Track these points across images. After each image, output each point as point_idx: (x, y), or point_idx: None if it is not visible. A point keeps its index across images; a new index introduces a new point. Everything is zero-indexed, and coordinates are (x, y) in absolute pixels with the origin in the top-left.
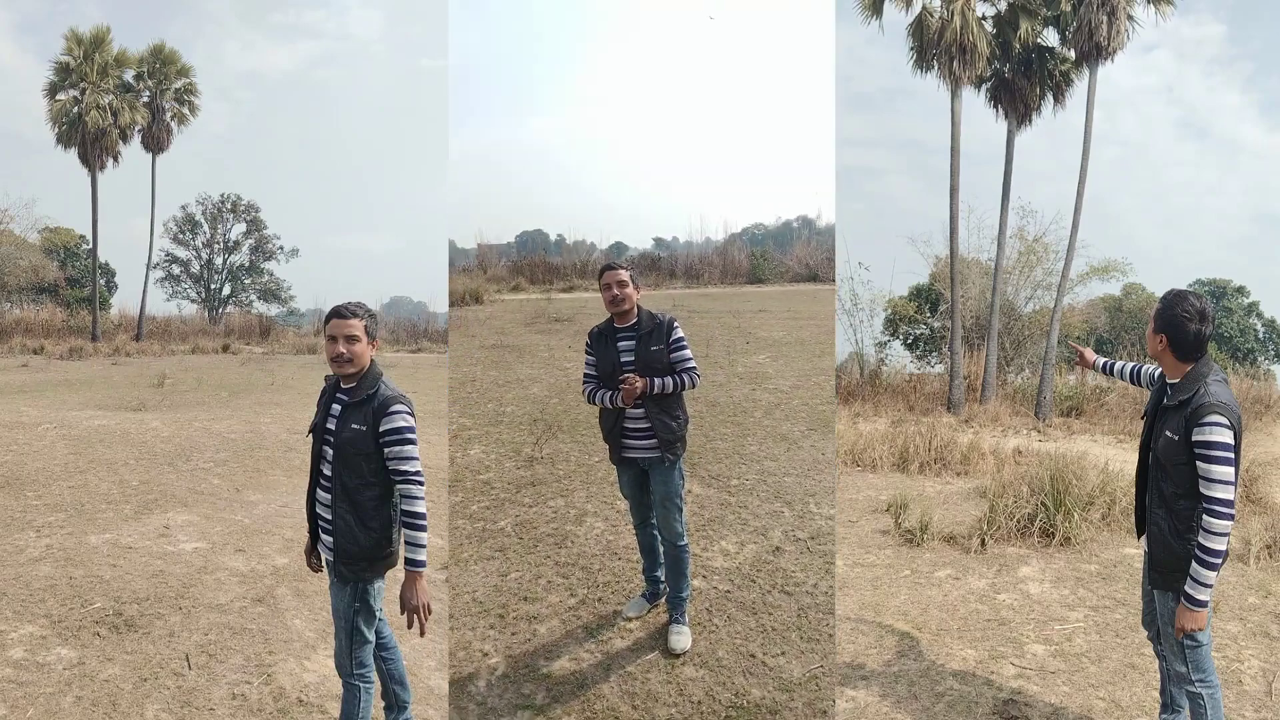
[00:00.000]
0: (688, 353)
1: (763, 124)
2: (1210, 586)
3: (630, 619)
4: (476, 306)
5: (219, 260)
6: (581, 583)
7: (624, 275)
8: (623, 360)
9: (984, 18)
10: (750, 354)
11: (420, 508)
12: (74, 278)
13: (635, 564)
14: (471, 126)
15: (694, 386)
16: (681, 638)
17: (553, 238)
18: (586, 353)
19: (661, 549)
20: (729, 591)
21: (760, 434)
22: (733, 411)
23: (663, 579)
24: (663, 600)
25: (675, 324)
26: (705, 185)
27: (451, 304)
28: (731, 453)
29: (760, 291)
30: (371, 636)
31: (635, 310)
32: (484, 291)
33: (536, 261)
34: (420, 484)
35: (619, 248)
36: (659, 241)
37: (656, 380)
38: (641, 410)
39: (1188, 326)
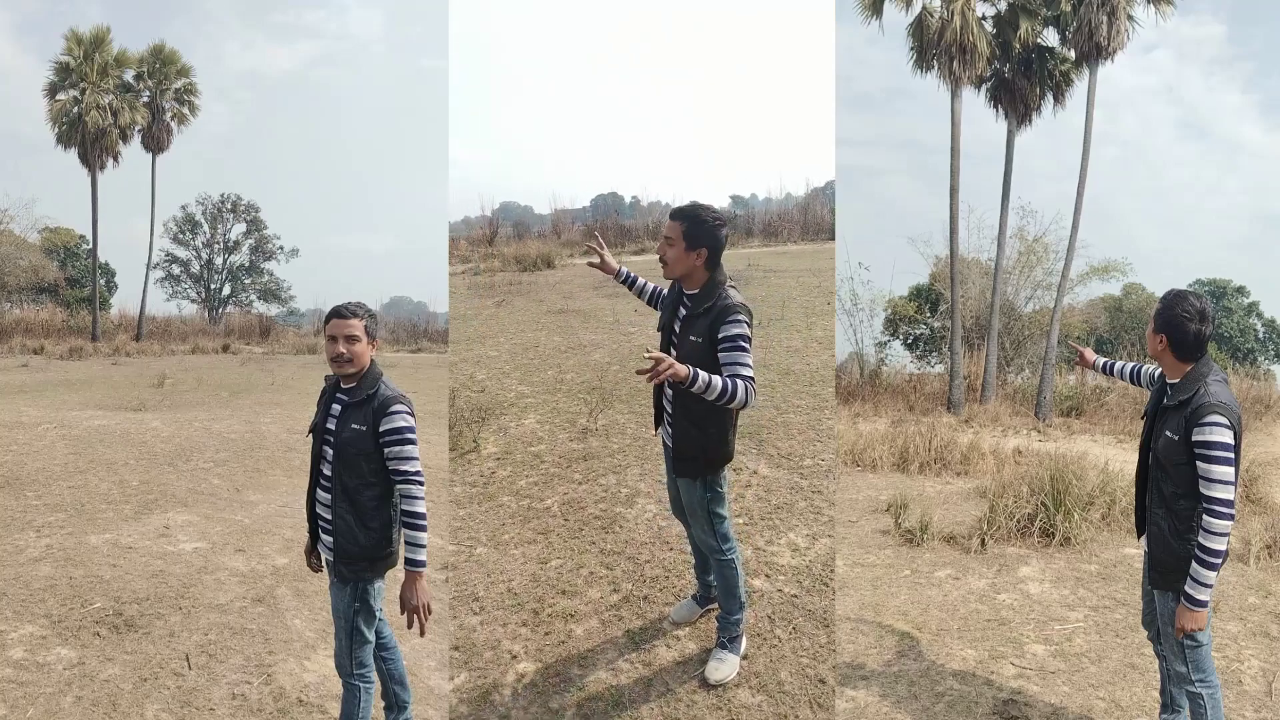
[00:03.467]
0: (742, 356)
1: (763, 123)
2: (1210, 586)
3: (678, 624)
4: (548, 271)
5: (219, 260)
6: (627, 575)
7: (674, 228)
8: (674, 329)
9: (984, 18)
10: (829, 315)
11: (420, 508)
12: (74, 278)
13: (688, 556)
14: (542, 92)
15: (746, 404)
16: (722, 666)
17: (627, 200)
18: None
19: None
20: (796, 596)
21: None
22: (809, 380)
23: (713, 581)
24: (715, 607)
25: (735, 317)
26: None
27: (524, 269)
28: (806, 428)
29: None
30: (371, 636)
31: (695, 278)
32: (556, 256)
33: (609, 224)
34: (420, 484)
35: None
36: (736, 199)
37: (702, 376)
38: (672, 394)
39: (1188, 326)
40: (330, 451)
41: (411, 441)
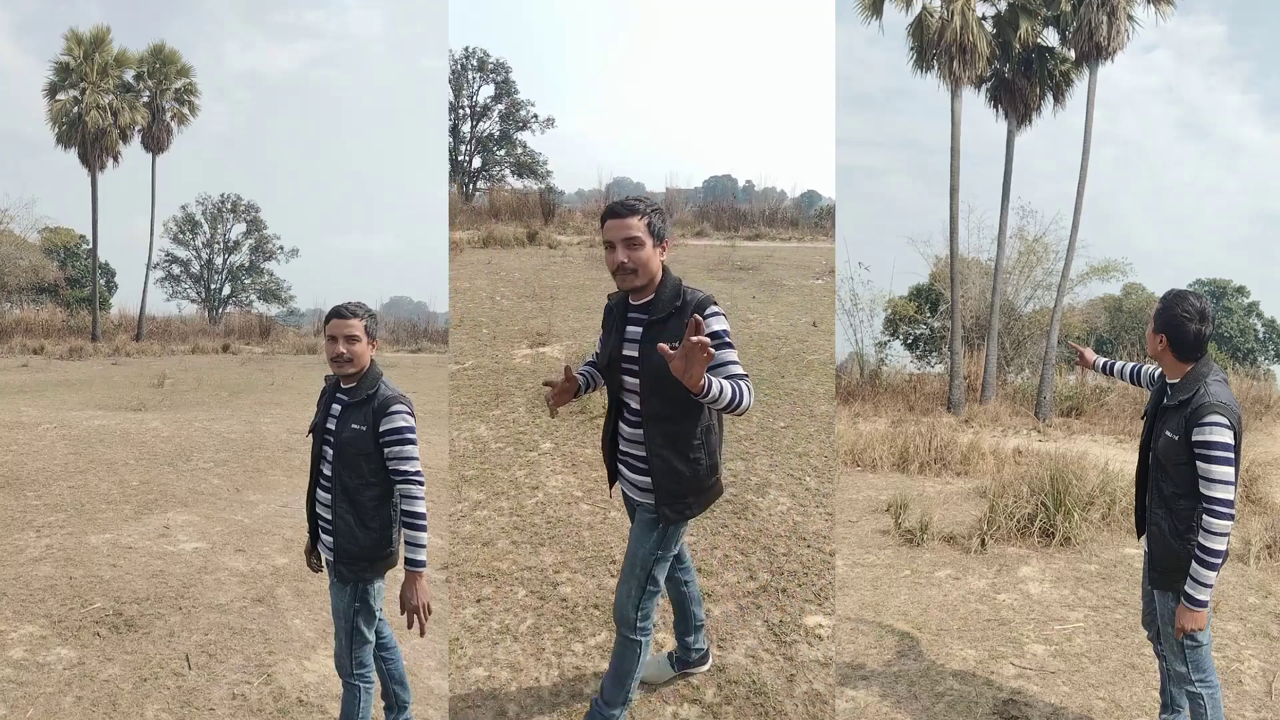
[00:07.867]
0: (731, 354)
1: (762, 126)
2: (1210, 587)
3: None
4: None
5: (219, 260)
6: (763, 565)
7: (636, 227)
8: (624, 354)
9: (984, 18)
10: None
11: (420, 508)
12: (74, 278)
13: (825, 555)
14: (660, 69)
15: (743, 408)
16: None
17: (741, 183)
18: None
19: (692, 609)
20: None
21: None
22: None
23: (694, 646)
24: (695, 672)
25: (713, 309)
26: None
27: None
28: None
29: None
30: (371, 636)
31: (655, 281)
32: (667, 235)
33: (723, 207)
34: (420, 484)
35: (811, 196)
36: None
37: (716, 383)
38: (640, 431)
39: (1188, 326)
40: (330, 451)
41: (412, 441)
